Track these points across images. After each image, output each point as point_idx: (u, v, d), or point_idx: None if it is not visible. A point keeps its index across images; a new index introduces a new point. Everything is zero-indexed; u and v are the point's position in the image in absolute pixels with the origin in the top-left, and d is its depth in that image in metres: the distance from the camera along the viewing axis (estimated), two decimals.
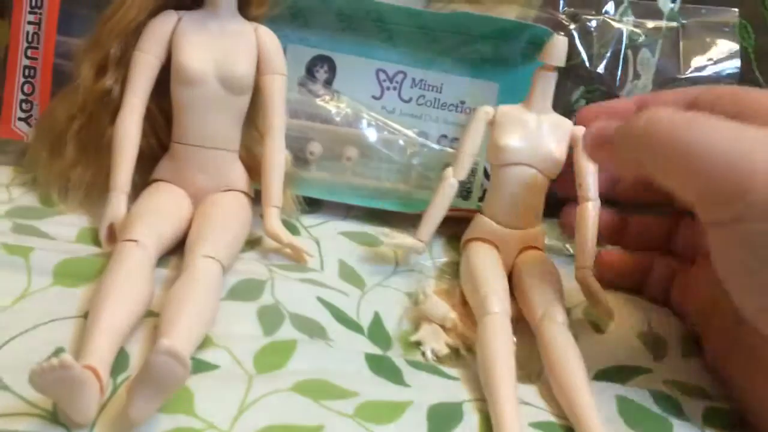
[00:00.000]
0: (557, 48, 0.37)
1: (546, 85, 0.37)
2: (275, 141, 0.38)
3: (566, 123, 0.38)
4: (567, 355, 0.31)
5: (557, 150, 0.37)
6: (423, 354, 0.33)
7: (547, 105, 0.38)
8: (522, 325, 0.34)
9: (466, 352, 0.33)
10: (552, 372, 0.31)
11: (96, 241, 0.36)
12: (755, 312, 0.27)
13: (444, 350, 0.33)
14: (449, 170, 0.38)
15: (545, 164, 0.37)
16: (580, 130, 0.37)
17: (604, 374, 0.33)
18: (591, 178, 0.37)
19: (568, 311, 0.34)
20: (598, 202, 0.37)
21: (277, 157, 0.38)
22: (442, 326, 0.34)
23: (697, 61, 0.46)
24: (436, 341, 0.33)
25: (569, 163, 0.37)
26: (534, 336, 0.33)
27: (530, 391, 0.31)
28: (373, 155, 0.44)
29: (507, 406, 0.28)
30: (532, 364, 0.33)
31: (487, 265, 0.36)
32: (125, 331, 0.29)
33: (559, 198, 0.40)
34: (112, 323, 0.28)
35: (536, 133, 0.37)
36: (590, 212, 0.37)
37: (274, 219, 0.38)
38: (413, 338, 0.33)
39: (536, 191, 0.38)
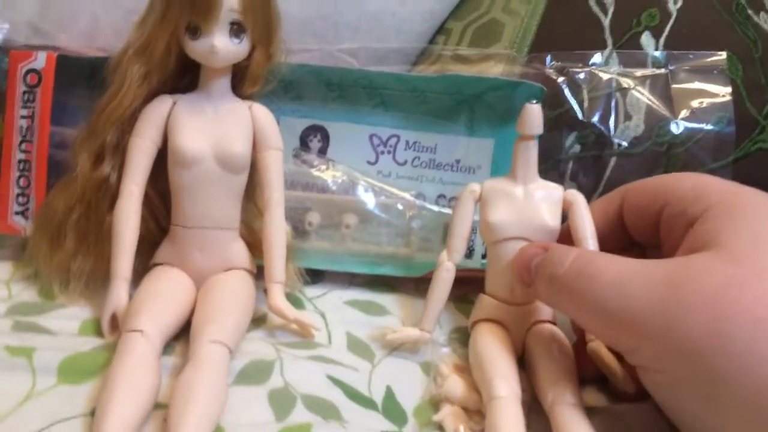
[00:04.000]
0: (531, 117, 0.36)
1: (528, 154, 0.36)
2: (275, 216, 0.38)
3: (556, 189, 0.37)
4: None
5: (550, 218, 0.36)
6: None
7: (532, 173, 0.37)
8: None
9: None
10: None
11: (99, 333, 0.35)
12: None
13: None
14: (443, 255, 0.37)
15: (539, 235, 0.35)
16: (573, 194, 0.36)
17: None
18: (590, 241, 0.35)
19: (582, 381, 0.33)
20: None
21: (277, 233, 0.38)
22: (465, 408, 0.33)
23: (689, 105, 0.46)
24: (458, 424, 0.32)
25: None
26: None
27: None
28: (372, 221, 0.44)
29: None
30: None
31: (492, 348, 0.34)
32: (134, 427, 0.28)
33: None
34: (120, 420, 0.28)
35: (526, 204, 0.36)
36: None
37: (278, 295, 0.37)
38: (435, 418, 0.32)
39: None
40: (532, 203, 0.36)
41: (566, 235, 0.36)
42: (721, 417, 0.26)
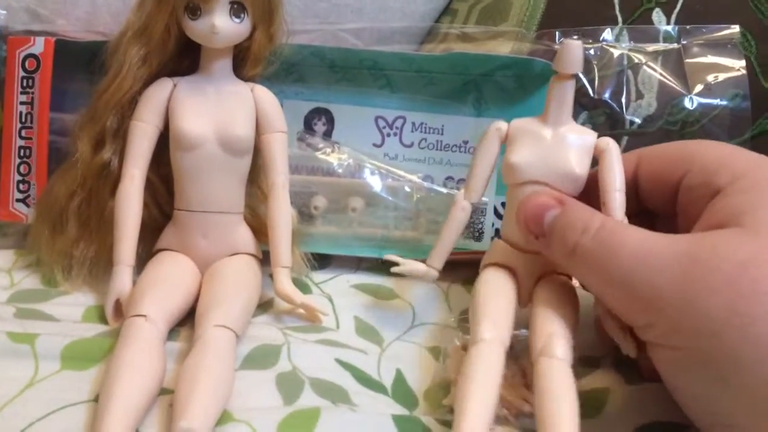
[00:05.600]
0: (570, 53, 0.33)
1: (562, 95, 0.33)
2: (279, 200, 0.37)
3: (589, 134, 0.34)
4: (559, 397, 0.27)
5: (577, 165, 0.33)
6: None
7: (565, 116, 0.34)
8: None
9: (512, 418, 0.31)
10: (539, 414, 0.27)
11: (103, 319, 0.35)
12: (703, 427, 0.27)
13: None
14: (460, 193, 0.35)
15: (563, 181, 0.33)
16: (606, 142, 0.33)
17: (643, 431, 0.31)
18: (617, 194, 0.32)
19: (597, 360, 0.32)
20: (626, 222, 0.32)
21: (282, 216, 0.37)
22: None
23: (703, 80, 0.45)
24: None
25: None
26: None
27: None
28: (379, 204, 0.43)
29: None
30: None
31: (490, 291, 0.32)
32: (139, 413, 0.27)
33: None
34: (124, 406, 0.27)
35: (553, 147, 0.33)
36: None
37: (284, 280, 0.37)
38: (445, 402, 0.31)
39: None
40: (560, 147, 0.33)
41: (591, 184, 0.33)
42: (732, 401, 0.25)
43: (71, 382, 0.30)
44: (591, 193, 0.33)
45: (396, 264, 0.36)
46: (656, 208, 0.33)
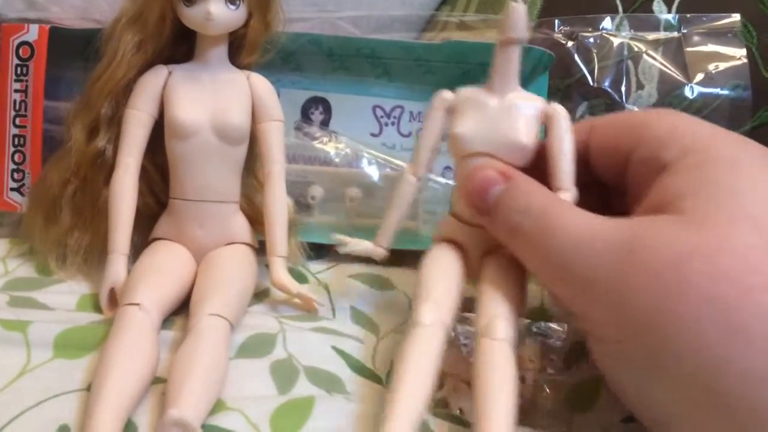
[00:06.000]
0: (513, 17, 0.31)
1: (507, 61, 0.31)
2: (275, 189, 0.37)
3: (537, 101, 0.32)
4: (495, 377, 0.26)
5: (524, 134, 0.31)
6: (457, 412, 0.30)
7: (511, 83, 0.32)
8: None
9: None
10: (475, 394, 0.26)
11: (97, 308, 0.35)
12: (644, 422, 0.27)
13: (471, 411, 0.29)
14: (406, 167, 0.34)
15: (510, 152, 0.31)
16: (554, 108, 0.31)
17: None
18: (565, 164, 0.30)
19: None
20: (575, 191, 0.31)
21: (278, 205, 0.37)
22: (468, 382, 0.30)
23: (704, 69, 0.45)
24: (462, 399, 0.30)
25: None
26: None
27: None
28: (376, 194, 0.43)
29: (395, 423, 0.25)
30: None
31: (435, 269, 0.31)
32: (132, 402, 0.27)
33: None
34: (117, 394, 0.27)
35: (499, 116, 0.31)
36: None
37: (280, 269, 0.36)
38: (438, 395, 0.30)
39: None
40: (506, 116, 0.31)
41: (541, 155, 0.32)
42: (664, 396, 0.25)
43: (64, 370, 0.30)
44: (544, 162, 0.31)
45: (343, 245, 0.35)
46: (608, 180, 0.32)
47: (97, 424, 0.25)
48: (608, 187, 0.32)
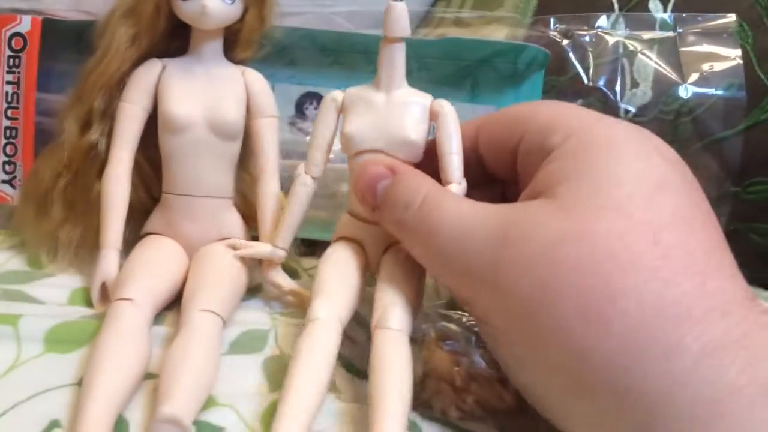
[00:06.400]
0: (393, 16, 0.31)
1: (391, 58, 0.32)
2: (269, 185, 0.37)
3: (424, 98, 0.33)
4: (388, 369, 0.26)
5: (412, 130, 0.32)
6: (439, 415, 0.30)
7: (398, 80, 0.32)
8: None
9: (484, 413, 0.29)
10: (370, 386, 0.26)
11: (88, 302, 0.34)
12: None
13: (453, 414, 0.29)
14: (301, 167, 0.34)
15: (399, 148, 0.31)
16: (440, 104, 0.32)
17: None
18: (454, 157, 0.31)
19: None
20: (464, 184, 0.31)
21: (271, 202, 0.37)
22: (451, 384, 0.30)
23: (698, 69, 0.45)
24: (444, 402, 0.29)
25: None
26: None
27: None
28: None
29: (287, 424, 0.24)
30: None
31: (331, 267, 0.31)
32: (123, 397, 0.27)
33: None
34: (108, 390, 0.26)
35: (387, 114, 0.32)
36: None
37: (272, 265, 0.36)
38: (423, 397, 0.30)
39: None
40: (394, 113, 0.32)
41: (433, 151, 0.32)
42: (537, 379, 0.25)
43: (55, 365, 0.29)
44: (434, 159, 0.32)
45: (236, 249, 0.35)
46: (501, 175, 0.32)
47: (88, 419, 0.25)
48: (505, 183, 0.32)
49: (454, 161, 0.31)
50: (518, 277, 0.24)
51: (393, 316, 0.28)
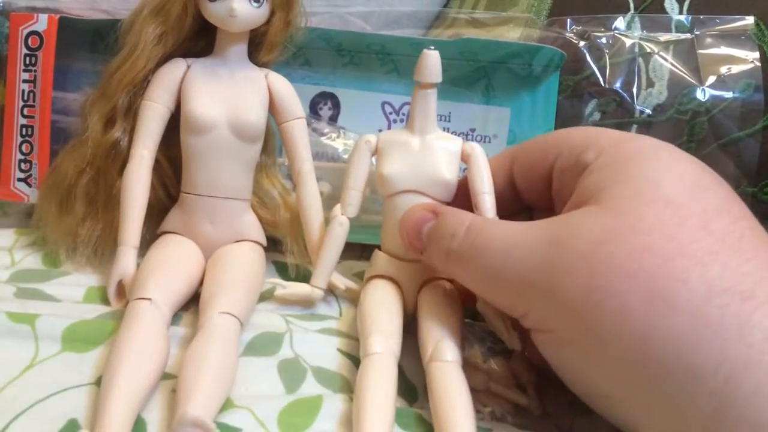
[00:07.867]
0: (429, 64, 0.34)
1: (425, 104, 0.34)
2: (308, 187, 0.37)
3: (455, 141, 0.35)
4: (453, 397, 0.28)
5: (447, 170, 0.34)
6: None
7: (430, 124, 0.35)
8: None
9: (509, 417, 0.30)
10: (435, 415, 0.28)
11: (104, 300, 0.35)
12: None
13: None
14: (337, 208, 0.35)
15: (435, 188, 0.34)
16: (471, 146, 0.34)
17: None
18: (486, 196, 0.33)
19: None
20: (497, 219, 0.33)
21: (315, 203, 0.37)
22: (473, 388, 0.30)
23: (716, 71, 0.44)
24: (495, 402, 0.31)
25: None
26: None
27: None
28: None
29: None
30: None
31: (376, 304, 0.33)
32: (142, 397, 0.27)
33: None
34: (127, 389, 0.27)
35: (422, 156, 0.34)
36: None
37: None
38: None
39: None
40: (428, 155, 0.34)
41: (465, 188, 0.34)
42: (604, 374, 0.26)
43: (72, 364, 0.30)
44: (467, 196, 0.34)
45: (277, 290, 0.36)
46: (534, 201, 0.34)
47: (109, 418, 0.25)
48: (533, 211, 0.34)
49: (486, 200, 0.33)
50: (573, 271, 0.25)
51: (447, 349, 0.30)
